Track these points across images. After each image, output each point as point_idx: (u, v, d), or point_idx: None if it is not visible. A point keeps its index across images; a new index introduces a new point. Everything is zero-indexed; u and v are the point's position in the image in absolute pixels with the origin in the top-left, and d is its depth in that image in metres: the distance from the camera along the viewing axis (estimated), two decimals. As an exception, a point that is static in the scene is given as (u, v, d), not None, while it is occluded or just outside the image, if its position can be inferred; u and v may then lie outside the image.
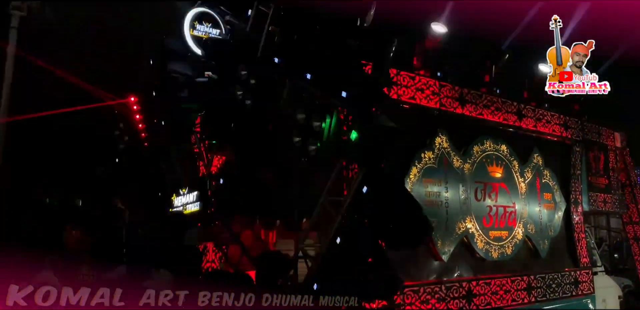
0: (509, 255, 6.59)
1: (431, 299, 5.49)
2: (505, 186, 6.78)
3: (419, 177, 5.76)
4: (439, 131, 6.14)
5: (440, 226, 5.76)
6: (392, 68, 5.52)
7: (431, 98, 6.11)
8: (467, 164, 6.38)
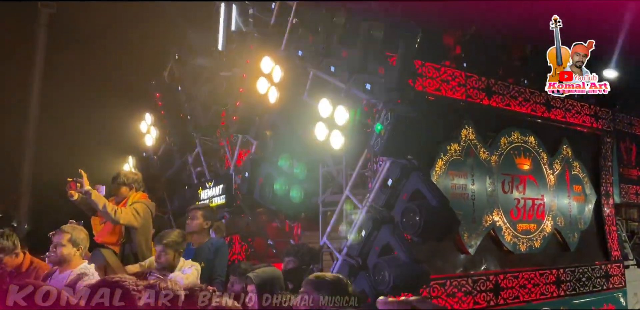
0: (537, 248, 6.49)
1: (458, 292, 5.45)
2: (533, 178, 6.66)
3: (445, 169, 5.70)
4: (465, 123, 6.05)
5: (466, 219, 5.70)
6: (417, 59, 5.45)
7: (457, 89, 6.03)
8: (494, 155, 6.28)
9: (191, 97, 7.44)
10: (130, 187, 5.09)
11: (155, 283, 3.18)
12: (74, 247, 3.86)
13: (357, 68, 5.22)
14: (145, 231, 4.97)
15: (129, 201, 5.01)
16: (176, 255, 4.40)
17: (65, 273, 3.82)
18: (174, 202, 7.67)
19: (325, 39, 5.57)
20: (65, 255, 3.83)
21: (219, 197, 6.48)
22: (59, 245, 3.84)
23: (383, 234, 4.53)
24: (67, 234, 3.86)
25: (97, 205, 4.71)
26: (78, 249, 3.87)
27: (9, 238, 4.19)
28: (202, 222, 5.06)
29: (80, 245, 3.89)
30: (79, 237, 3.89)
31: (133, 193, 5.10)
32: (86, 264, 3.93)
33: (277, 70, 5.84)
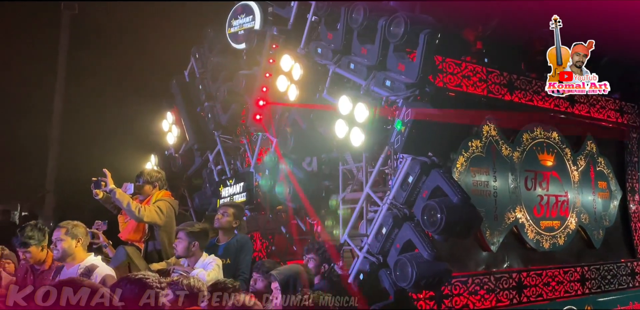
0: (561, 245, 6.40)
1: (480, 290, 5.41)
2: (556, 174, 6.57)
3: (466, 166, 5.65)
4: (487, 119, 5.98)
5: (488, 216, 5.65)
6: (438, 55, 5.40)
7: (478, 85, 5.96)
8: (516, 152, 6.21)
9: (211, 96, 7.50)
10: (153, 186, 5.14)
11: (178, 280, 3.23)
12: (73, 240, 3.87)
13: (377, 65, 5.21)
14: (169, 229, 5.03)
15: (153, 199, 5.06)
16: (192, 245, 4.41)
17: (73, 268, 3.84)
18: (195, 200, 7.75)
19: (344, 36, 5.56)
20: (66, 249, 3.85)
21: (240, 195, 6.53)
22: (58, 240, 3.87)
23: (404, 232, 4.52)
24: (63, 228, 3.90)
25: (121, 203, 4.77)
26: (78, 241, 3.89)
27: (41, 229, 4.28)
28: (232, 220, 5.10)
29: (79, 237, 3.91)
30: (76, 230, 3.92)
31: (157, 191, 5.15)
32: (92, 256, 3.96)
33: (297, 68, 5.85)
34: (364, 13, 5.27)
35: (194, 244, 4.43)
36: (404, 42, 4.97)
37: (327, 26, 5.85)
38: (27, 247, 4.20)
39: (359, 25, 5.33)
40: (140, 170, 5.26)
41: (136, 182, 5.15)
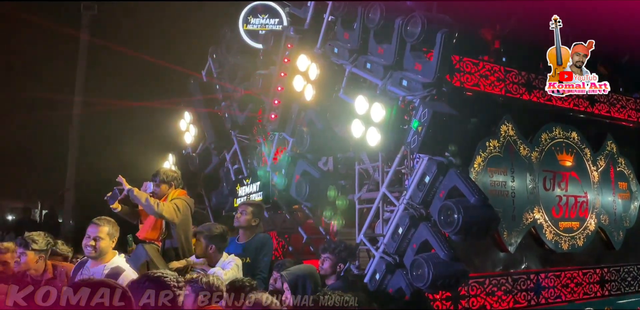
0: (580, 247, 6.32)
1: (497, 291, 5.37)
2: (576, 175, 6.49)
3: (484, 166, 5.61)
4: (505, 118, 5.94)
5: (506, 216, 5.60)
6: (455, 54, 5.37)
7: (496, 84, 5.92)
8: (534, 152, 6.15)
9: (228, 96, 7.54)
10: (170, 185, 5.16)
11: (198, 278, 3.26)
12: (111, 240, 3.80)
13: (394, 64, 5.19)
14: (185, 227, 5.07)
15: (169, 198, 5.09)
16: (209, 248, 4.45)
17: (98, 267, 3.78)
18: (212, 199, 7.81)
19: (361, 36, 5.56)
20: (103, 249, 3.77)
21: (256, 194, 6.56)
22: (98, 238, 3.75)
23: (420, 232, 4.51)
24: (104, 226, 3.79)
25: (139, 200, 4.78)
26: (113, 241, 3.84)
27: (49, 241, 4.17)
28: (251, 219, 5.11)
29: (115, 237, 3.87)
30: (114, 229, 3.86)
31: (172, 190, 5.19)
32: (118, 256, 3.89)
33: (313, 68, 5.85)
34: (380, 13, 5.26)
35: (211, 247, 4.47)
36: (421, 41, 4.93)
37: (344, 26, 5.84)
38: (26, 247, 4.08)
39: (376, 25, 5.32)
40: (157, 170, 5.28)
41: (152, 181, 5.18)
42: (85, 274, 3.80)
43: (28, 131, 13.64)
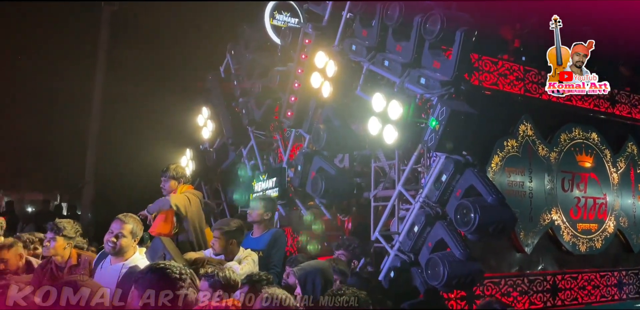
0: (598, 249, 6.24)
1: (513, 292, 5.33)
2: (595, 176, 6.40)
3: (501, 166, 5.56)
4: (523, 118, 5.88)
5: (523, 217, 5.55)
6: (474, 53, 5.33)
7: (515, 84, 5.86)
8: (553, 152, 6.08)
9: (246, 92, 7.58)
10: (178, 182, 5.28)
11: (214, 272, 3.29)
12: (133, 238, 3.78)
13: (412, 62, 5.16)
14: (197, 219, 5.16)
15: (178, 193, 5.19)
16: (230, 243, 4.50)
17: (117, 265, 3.75)
18: (228, 194, 7.86)
19: (379, 33, 5.54)
20: (124, 247, 3.73)
21: (272, 190, 6.59)
22: (120, 235, 3.72)
23: (436, 230, 4.49)
24: (128, 224, 3.76)
25: (155, 207, 4.90)
26: (135, 241, 3.80)
27: (78, 229, 4.27)
28: (263, 213, 5.17)
29: (138, 237, 3.84)
30: (138, 228, 3.83)
31: (181, 186, 5.29)
32: (137, 254, 3.82)
33: (331, 65, 5.85)
34: (399, 10, 5.23)
35: (231, 241, 4.52)
36: (440, 39, 4.90)
37: (362, 23, 5.83)
38: (56, 233, 4.16)
39: (395, 22, 5.29)
40: (166, 166, 5.37)
41: (162, 177, 5.29)
42: (106, 267, 3.81)
43: (49, 124, 13.84)
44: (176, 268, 2.57)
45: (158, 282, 2.47)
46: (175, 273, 2.53)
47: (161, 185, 5.30)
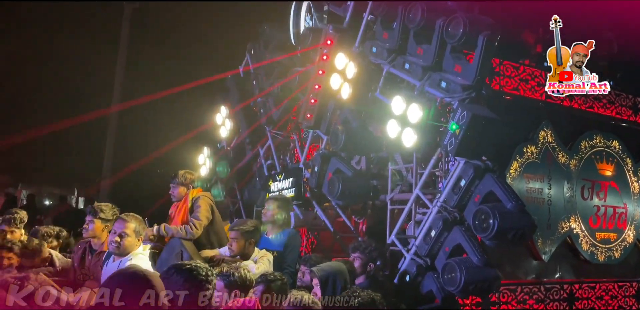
0: (616, 258, 6.15)
1: (529, 300, 5.26)
2: (615, 185, 6.31)
3: (520, 172, 5.50)
4: (544, 124, 5.81)
5: (541, 224, 5.47)
6: (495, 57, 5.29)
7: (536, 89, 5.80)
8: (573, 160, 6.00)
9: (264, 92, 7.60)
10: (187, 188, 5.25)
11: (229, 271, 3.30)
12: (137, 237, 3.73)
13: (433, 65, 5.14)
14: (213, 221, 5.18)
15: (190, 198, 5.17)
16: (247, 244, 4.53)
17: (114, 264, 3.73)
18: (244, 193, 7.89)
19: (400, 36, 5.52)
20: (128, 246, 3.69)
21: (289, 190, 6.60)
22: (123, 235, 3.67)
23: (454, 235, 4.46)
24: (131, 223, 3.72)
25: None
26: (139, 239, 3.77)
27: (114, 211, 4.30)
28: (277, 213, 5.19)
29: (141, 236, 3.83)
30: (141, 227, 3.80)
31: (191, 191, 5.27)
32: (139, 255, 3.74)
33: (351, 67, 5.85)
34: (421, 13, 5.21)
35: (250, 241, 4.54)
36: (462, 43, 4.87)
37: (383, 25, 5.81)
38: (95, 216, 4.19)
39: (416, 25, 5.27)
40: (175, 173, 5.33)
41: (171, 183, 5.26)
42: (108, 265, 3.80)
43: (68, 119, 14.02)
44: (203, 269, 2.57)
45: (184, 283, 2.48)
46: (202, 275, 2.54)
47: (170, 192, 5.26)
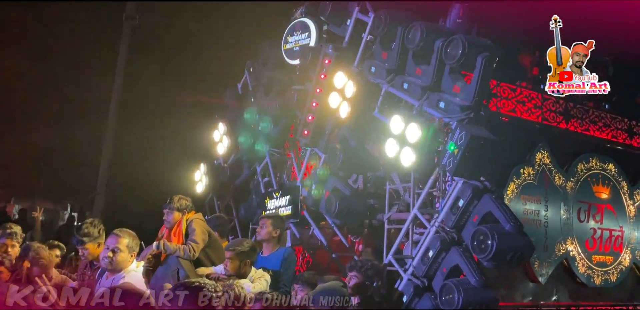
0: (613, 282, 6.12)
1: (525, 322, 5.22)
2: (611, 208, 6.31)
3: (517, 193, 5.50)
4: (540, 146, 5.84)
5: (538, 246, 5.44)
6: (492, 79, 5.35)
7: (533, 111, 5.85)
8: (569, 182, 6.01)
9: (263, 109, 7.62)
10: (182, 213, 5.15)
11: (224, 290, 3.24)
12: (130, 253, 3.66)
13: (431, 86, 5.19)
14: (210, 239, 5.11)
15: (183, 222, 5.09)
16: (243, 264, 4.47)
17: (108, 281, 3.66)
18: (240, 210, 7.84)
19: (399, 56, 5.58)
20: (120, 262, 3.62)
21: (285, 208, 6.56)
22: (116, 250, 3.60)
23: (451, 256, 4.43)
24: (124, 238, 3.66)
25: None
26: (132, 255, 3.70)
27: (96, 226, 4.27)
28: (271, 231, 5.14)
29: (135, 251, 3.76)
30: (135, 243, 3.73)
31: (186, 215, 5.17)
32: (132, 271, 3.69)
33: (350, 86, 5.89)
34: (420, 34, 5.28)
35: (246, 262, 4.49)
36: (461, 64, 4.93)
37: (382, 46, 5.88)
38: (83, 244, 4.20)
39: (415, 46, 5.33)
40: (170, 198, 5.23)
41: (165, 208, 5.16)
42: (102, 283, 3.73)
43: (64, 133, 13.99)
44: (212, 286, 2.53)
45: (195, 301, 2.43)
46: (211, 291, 2.50)
47: (164, 218, 5.14)
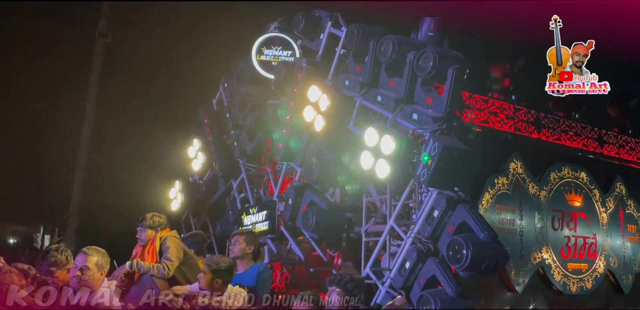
0: (588, 289, 6.18)
1: (504, 332, 5.22)
2: (585, 216, 6.42)
3: (492, 203, 5.56)
4: (514, 156, 5.93)
5: (514, 255, 5.51)
6: (465, 90, 5.43)
7: (505, 122, 5.95)
8: (543, 191, 6.10)
9: (238, 124, 7.59)
10: (156, 231, 5.05)
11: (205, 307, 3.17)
12: (99, 271, 3.61)
13: (404, 98, 5.23)
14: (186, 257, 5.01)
15: (157, 240, 4.99)
16: (215, 282, 4.38)
17: (79, 298, 3.47)
18: (217, 227, 7.74)
19: (372, 69, 5.62)
20: (90, 281, 3.55)
21: (262, 223, 6.50)
22: (85, 269, 3.55)
23: (428, 267, 4.42)
24: (92, 256, 3.62)
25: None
26: (102, 273, 3.64)
27: (63, 253, 4.18)
28: (245, 247, 5.07)
29: (105, 269, 3.68)
30: (104, 260, 3.67)
31: (159, 233, 5.07)
32: (104, 289, 3.61)
33: (324, 99, 5.91)
34: (392, 47, 5.34)
35: (217, 281, 4.39)
36: (432, 76, 4.99)
37: (355, 59, 5.93)
38: (52, 274, 3.96)
39: (388, 59, 5.38)
40: (142, 215, 5.14)
41: (138, 226, 5.06)
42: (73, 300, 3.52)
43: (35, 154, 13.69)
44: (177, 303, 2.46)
45: None
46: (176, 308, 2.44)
47: (137, 236, 5.02)
